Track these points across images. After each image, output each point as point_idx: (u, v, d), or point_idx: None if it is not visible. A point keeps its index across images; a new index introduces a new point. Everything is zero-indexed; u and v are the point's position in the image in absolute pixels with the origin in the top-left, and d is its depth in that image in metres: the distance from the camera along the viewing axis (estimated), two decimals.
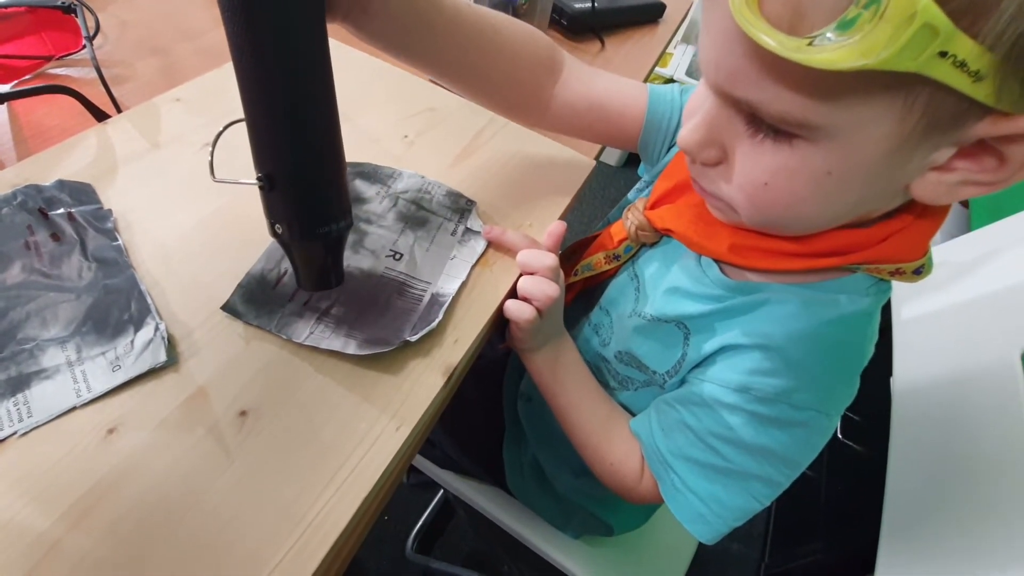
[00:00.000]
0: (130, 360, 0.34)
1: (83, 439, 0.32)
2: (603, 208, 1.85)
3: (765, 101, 0.28)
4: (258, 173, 0.33)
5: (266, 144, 0.33)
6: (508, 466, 0.68)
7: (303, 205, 0.34)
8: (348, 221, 0.37)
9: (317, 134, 0.33)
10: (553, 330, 0.49)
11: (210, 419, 0.34)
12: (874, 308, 0.39)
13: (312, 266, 0.37)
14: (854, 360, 0.39)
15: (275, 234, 0.35)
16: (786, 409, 0.38)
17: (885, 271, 0.37)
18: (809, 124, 0.28)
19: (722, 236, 0.40)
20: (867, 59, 0.22)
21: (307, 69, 0.32)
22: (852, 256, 0.36)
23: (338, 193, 0.36)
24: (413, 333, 0.39)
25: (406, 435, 0.35)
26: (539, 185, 0.55)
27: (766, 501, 0.41)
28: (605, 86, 0.50)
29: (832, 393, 0.39)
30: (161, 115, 0.51)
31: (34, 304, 0.36)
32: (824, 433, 0.39)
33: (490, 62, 0.45)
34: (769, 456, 0.39)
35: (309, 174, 0.34)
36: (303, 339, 0.38)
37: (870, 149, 0.28)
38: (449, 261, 0.45)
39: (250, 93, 0.31)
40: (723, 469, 0.41)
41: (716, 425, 0.40)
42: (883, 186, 0.31)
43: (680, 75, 1.78)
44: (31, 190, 0.41)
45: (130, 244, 0.41)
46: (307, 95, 0.32)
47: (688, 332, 0.44)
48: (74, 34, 0.56)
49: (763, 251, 0.39)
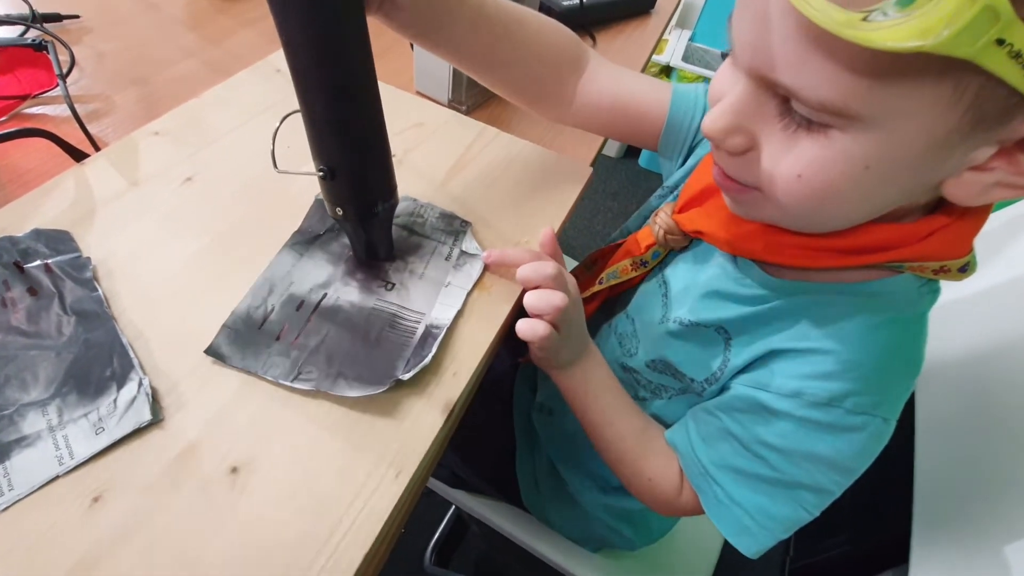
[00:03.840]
0: (113, 421, 0.33)
1: (67, 510, 0.30)
2: (604, 201, 1.83)
3: (805, 86, 0.27)
4: (319, 165, 0.36)
5: (326, 138, 0.35)
6: (522, 482, 0.66)
7: (360, 190, 0.38)
8: (396, 199, 0.42)
9: (370, 126, 0.36)
10: (578, 343, 0.46)
11: (200, 479, 0.32)
12: (927, 310, 0.38)
13: (370, 240, 0.42)
14: (912, 363, 0.38)
15: (336, 216, 0.39)
16: (841, 414, 0.36)
17: (929, 269, 0.35)
18: (849, 113, 0.26)
19: (755, 233, 0.38)
20: (924, 39, 0.20)
21: (358, 65, 0.34)
22: (894, 253, 0.34)
23: (388, 175, 0.40)
24: (406, 371, 0.37)
25: (406, 482, 0.33)
26: (535, 197, 0.53)
27: (815, 511, 0.39)
28: (629, 84, 0.50)
29: (889, 396, 0.37)
30: (139, 151, 0.49)
31: (13, 366, 0.34)
32: (881, 439, 0.37)
33: (515, 54, 0.45)
34: (820, 464, 0.38)
35: (365, 163, 0.37)
36: (291, 380, 0.36)
37: (912, 143, 0.26)
38: (444, 289, 0.43)
39: (307, 91, 0.33)
40: (770, 479, 0.39)
41: (764, 433, 0.39)
42: (919, 182, 0.30)
43: (676, 61, 1.74)
44: (5, 242, 0.39)
45: (111, 292, 0.39)
46: (359, 89, 0.34)
47: (729, 336, 0.42)
48: (48, 71, 0.55)
49: (800, 248, 0.37)
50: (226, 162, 0.49)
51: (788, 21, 0.26)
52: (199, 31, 0.69)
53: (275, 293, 0.40)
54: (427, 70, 0.64)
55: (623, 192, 1.88)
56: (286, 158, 0.37)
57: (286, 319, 0.39)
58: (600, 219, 1.78)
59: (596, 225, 1.76)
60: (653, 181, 1.93)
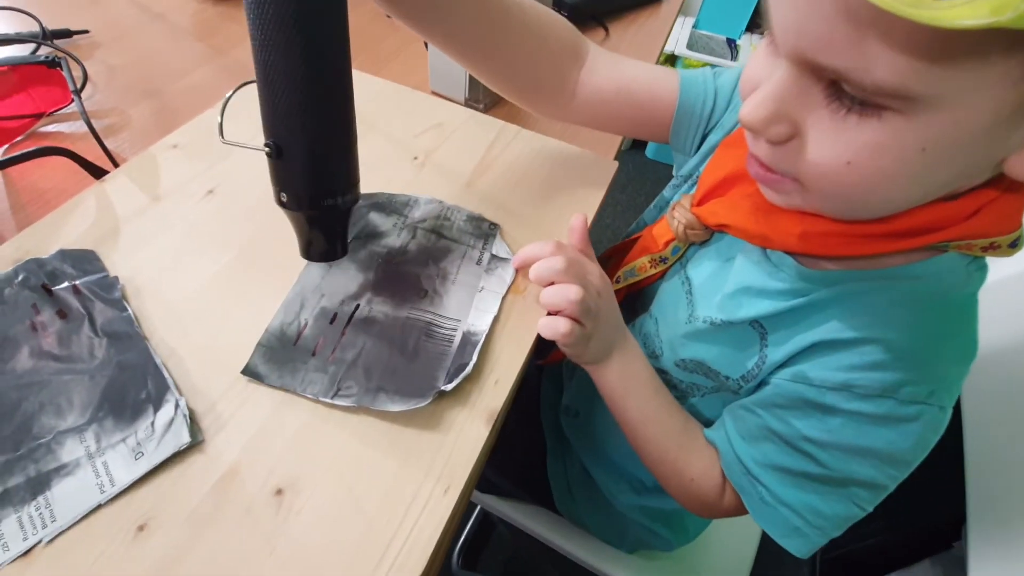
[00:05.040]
0: (152, 445, 0.32)
1: (113, 540, 0.29)
2: (613, 194, 1.81)
3: (859, 69, 0.25)
4: (266, 140, 0.33)
5: (276, 110, 0.32)
6: (554, 485, 0.65)
7: (309, 175, 0.34)
8: (354, 195, 0.37)
9: (328, 103, 0.32)
10: (609, 335, 0.44)
11: (245, 502, 0.31)
12: (976, 289, 0.36)
13: (315, 237, 0.37)
14: (966, 346, 0.36)
15: (280, 203, 0.35)
16: (894, 405, 0.35)
17: (977, 247, 0.33)
18: (908, 94, 0.25)
19: (789, 224, 0.37)
20: (1000, 15, 0.19)
21: (325, 36, 0.31)
22: (941, 234, 0.33)
23: (346, 166, 0.36)
24: (448, 381, 0.36)
25: (455, 498, 0.32)
26: (562, 194, 0.51)
27: (869, 507, 0.37)
28: (633, 71, 0.47)
29: (944, 383, 0.35)
30: (159, 165, 0.48)
31: (47, 392, 0.34)
32: (937, 428, 0.36)
33: (515, 42, 0.43)
34: (873, 457, 0.36)
35: (317, 144, 0.33)
36: (331, 397, 0.35)
37: (973, 121, 0.25)
38: (477, 294, 0.42)
39: (264, 57, 0.30)
40: (819, 476, 0.37)
41: (810, 429, 0.37)
42: (978, 161, 0.28)
43: (681, 49, 1.72)
44: (32, 265, 0.39)
45: (140, 312, 0.38)
46: (322, 62, 0.31)
47: (765, 332, 0.40)
48: (63, 88, 0.54)
49: (840, 236, 0.35)
50: (247, 173, 0.48)
51: (837, 1, 0.24)
52: (208, 40, 0.68)
53: (307, 307, 0.39)
54: (442, 69, 0.63)
55: (631, 184, 1.86)
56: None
57: (320, 333, 0.38)
58: (609, 212, 1.76)
59: (605, 218, 1.74)
60: (661, 172, 1.91)
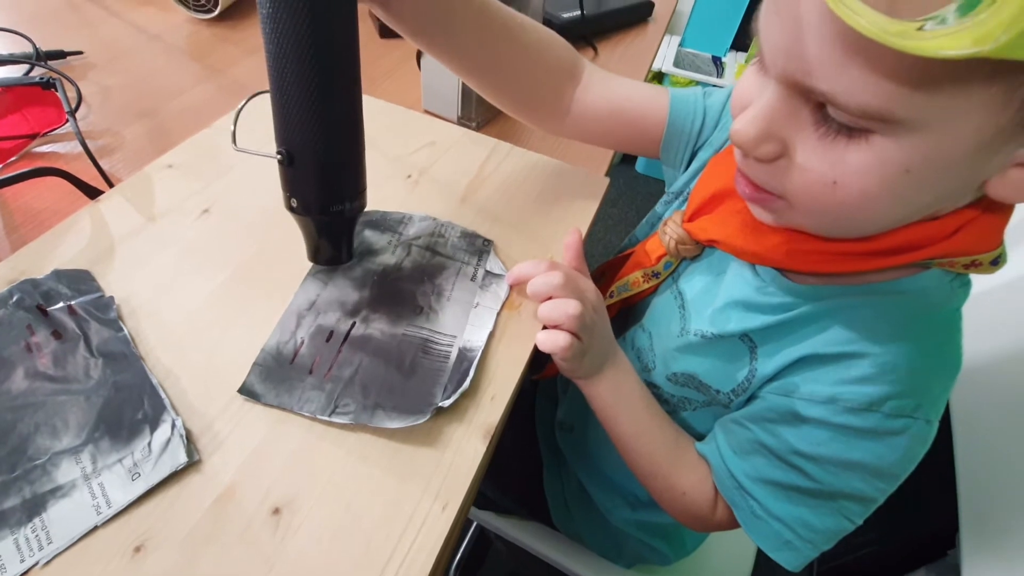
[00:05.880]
0: (149, 466, 0.32)
1: (110, 562, 0.29)
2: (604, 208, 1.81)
3: (844, 92, 0.26)
4: (278, 148, 0.35)
5: (289, 119, 0.33)
6: (551, 501, 0.65)
7: (319, 182, 0.36)
8: (362, 202, 0.39)
9: (339, 113, 0.34)
10: (603, 350, 0.45)
11: (242, 521, 0.31)
12: (960, 304, 0.37)
13: (322, 243, 0.39)
14: (950, 360, 0.37)
15: (290, 208, 0.37)
16: (880, 419, 0.35)
17: (959, 264, 0.34)
18: (892, 118, 0.25)
19: (776, 241, 0.38)
20: (983, 45, 0.20)
21: (336, 47, 0.32)
22: (923, 252, 0.33)
23: (355, 173, 0.37)
24: (445, 397, 0.36)
25: (453, 515, 0.32)
26: (555, 210, 0.52)
27: (859, 520, 0.38)
28: (626, 90, 0.49)
29: (929, 396, 0.36)
30: (154, 185, 0.48)
31: (42, 413, 0.33)
32: (924, 441, 0.36)
33: (514, 58, 0.45)
34: (861, 471, 0.37)
35: (328, 152, 0.35)
36: (328, 415, 0.35)
37: (956, 144, 0.26)
38: (473, 310, 0.42)
39: (278, 68, 0.32)
40: (809, 490, 0.38)
41: (799, 442, 0.38)
42: (961, 183, 0.29)
43: (667, 67, 1.75)
44: (27, 285, 0.39)
45: (136, 332, 0.38)
46: (334, 73, 0.33)
47: (755, 345, 0.41)
48: (56, 108, 0.54)
49: (825, 253, 0.36)
50: (242, 192, 0.49)
51: (825, 27, 0.25)
52: (203, 60, 0.69)
53: (303, 326, 0.40)
54: (435, 88, 0.64)
55: (622, 199, 1.88)
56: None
57: (317, 351, 0.38)
58: (600, 226, 1.78)
59: (597, 232, 1.76)
60: (652, 186, 1.93)
